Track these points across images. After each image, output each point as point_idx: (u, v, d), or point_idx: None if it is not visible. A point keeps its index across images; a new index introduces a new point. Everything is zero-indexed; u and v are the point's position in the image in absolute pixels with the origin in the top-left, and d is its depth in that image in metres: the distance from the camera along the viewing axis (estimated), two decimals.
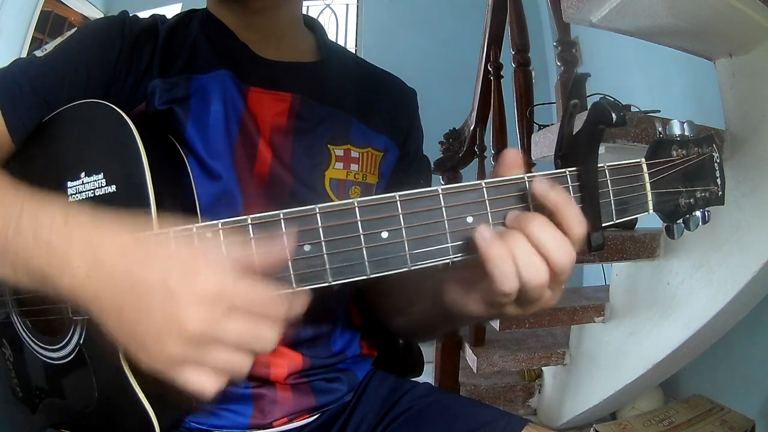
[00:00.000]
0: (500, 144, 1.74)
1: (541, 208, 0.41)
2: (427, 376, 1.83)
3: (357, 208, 0.40)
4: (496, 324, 1.52)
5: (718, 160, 0.49)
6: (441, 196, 0.41)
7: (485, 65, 1.87)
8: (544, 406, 1.91)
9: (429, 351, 1.84)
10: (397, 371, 0.75)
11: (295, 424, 0.62)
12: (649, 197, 0.46)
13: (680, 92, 1.85)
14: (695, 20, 1.09)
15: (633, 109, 1.43)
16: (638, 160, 0.46)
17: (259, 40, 0.64)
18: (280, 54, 0.65)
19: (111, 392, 0.50)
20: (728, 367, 1.65)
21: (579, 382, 1.70)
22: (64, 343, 0.52)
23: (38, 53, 0.58)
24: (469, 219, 0.41)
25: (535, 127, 1.63)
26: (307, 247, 0.40)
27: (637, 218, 1.57)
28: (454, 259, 0.42)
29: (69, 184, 0.50)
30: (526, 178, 0.42)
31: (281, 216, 0.40)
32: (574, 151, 0.44)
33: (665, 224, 0.48)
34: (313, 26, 0.72)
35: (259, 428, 0.60)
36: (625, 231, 1.49)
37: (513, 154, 0.43)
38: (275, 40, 0.65)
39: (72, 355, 0.51)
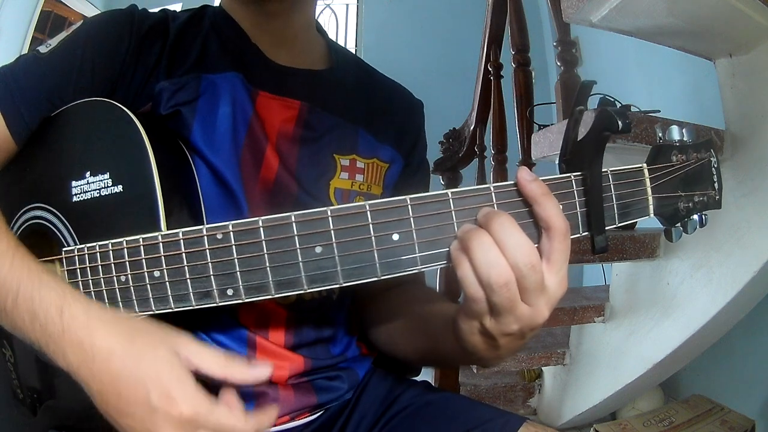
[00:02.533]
0: (500, 144, 1.74)
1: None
2: (427, 376, 1.83)
3: (369, 212, 0.41)
4: None
5: (716, 165, 0.49)
6: (450, 200, 0.41)
7: (485, 65, 1.87)
8: (544, 406, 1.91)
9: None
10: (395, 372, 0.75)
11: (296, 423, 0.62)
12: (650, 201, 0.46)
13: (680, 92, 1.85)
14: (695, 20, 1.09)
15: (633, 109, 1.43)
16: (640, 165, 0.46)
17: (271, 43, 0.63)
18: (291, 59, 0.64)
19: None
20: (728, 367, 1.65)
21: (579, 382, 1.70)
22: None
23: (42, 48, 0.56)
24: None
25: (535, 127, 1.63)
26: (318, 249, 0.41)
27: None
28: None
29: (73, 183, 0.50)
30: None
31: (293, 219, 0.41)
32: (579, 157, 0.44)
33: (664, 228, 0.48)
34: (321, 31, 0.72)
35: None
36: (626, 231, 1.49)
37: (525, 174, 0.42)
38: (288, 44, 0.64)
39: None
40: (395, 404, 0.64)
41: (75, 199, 0.50)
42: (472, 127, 1.96)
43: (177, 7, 0.67)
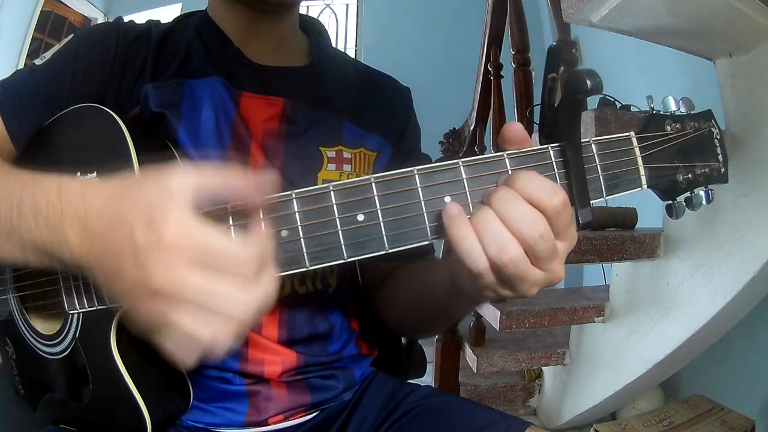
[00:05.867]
0: None
1: None
2: (427, 376, 1.83)
3: (332, 192, 0.40)
4: (496, 324, 1.52)
5: (718, 136, 0.46)
6: (416, 176, 0.40)
7: (485, 65, 1.87)
8: (544, 406, 1.91)
9: (429, 351, 1.83)
10: (400, 372, 0.75)
11: (291, 422, 0.62)
12: (642, 172, 0.43)
13: (680, 92, 1.83)
14: (695, 20, 1.09)
15: (633, 109, 1.43)
16: (627, 133, 0.43)
17: (256, 45, 0.64)
18: (274, 58, 0.65)
19: (105, 385, 0.50)
20: (728, 367, 1.65)
21: (579, 382, 1.70)
22: (61, 337, 0.52)
23: (38, 62, 0.61)
24: (447, 199, 0.40)
25: (535, 127, 1.63)
26: (284, 233, 0.40)
27: (637, 218, 1.56)
28: (433, 240, 0.41)
29: None
30: (505, 156, 0.41)
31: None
32: (557, 127, 0.42)
33: (665, 203, 0.45)
34: (308, 28, 0.73)
35: (255, 425, 0.60)
36: (625, 231, 1.49)
37: (515, 128, 0.41)
38: (273, 45, 0.66)
39: (68, 350, 0.52)
40: (398, 408, 0.64)
41: None
42: (472, 127, 1.96)
43: (177, 8, 0.70)
